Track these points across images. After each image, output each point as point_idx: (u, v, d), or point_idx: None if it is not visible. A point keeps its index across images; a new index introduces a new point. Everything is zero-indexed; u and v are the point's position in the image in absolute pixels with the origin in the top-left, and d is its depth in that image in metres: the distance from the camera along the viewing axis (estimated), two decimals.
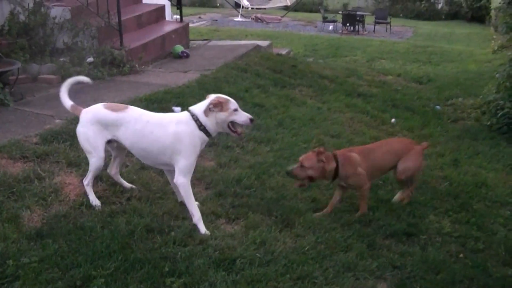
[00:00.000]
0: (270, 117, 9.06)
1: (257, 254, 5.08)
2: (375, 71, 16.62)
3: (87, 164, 6.06)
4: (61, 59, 10.18)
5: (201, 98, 8.42)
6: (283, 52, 15.78)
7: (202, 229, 5.41)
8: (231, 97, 5.51)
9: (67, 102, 5.68)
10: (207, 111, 5.38)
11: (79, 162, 6.30)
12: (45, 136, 6.46)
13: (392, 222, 6.32)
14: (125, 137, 5.48)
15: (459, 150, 9.56)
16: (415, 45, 24.05)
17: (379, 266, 5.35)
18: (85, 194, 5.71)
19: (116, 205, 5.64)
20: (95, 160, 5.56)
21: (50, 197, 5.56)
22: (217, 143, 7.46)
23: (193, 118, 5.40)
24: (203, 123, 5.38)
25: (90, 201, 5.61)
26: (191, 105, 5.55)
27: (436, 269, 5.48)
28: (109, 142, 5.60)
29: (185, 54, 12.32)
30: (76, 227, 5.12)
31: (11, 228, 5.00)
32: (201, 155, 6.93)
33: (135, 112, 5.58)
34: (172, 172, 5.54)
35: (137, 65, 10.75)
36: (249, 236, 5.39)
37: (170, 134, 5.38)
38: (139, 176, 6.27)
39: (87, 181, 5.66)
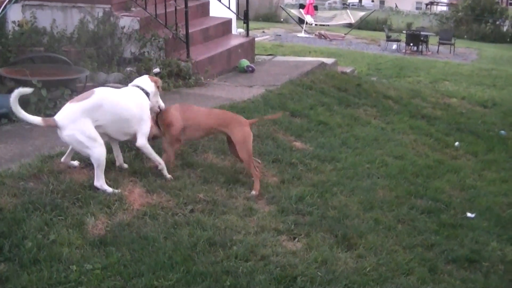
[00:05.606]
0: (334, 136, 9.00)
1: (318, 273, 5.05)
2: (439, 93, 16.39)
3: (154, 174, 6.16)
4: (128, 69, 10.31)
5: (266, 113, 8.60)
6: (348, 70, 15.68)
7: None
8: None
9: (35, 118, 5.60)
10: None
11: (144, 171, 6.34)
12: (110, 145, 6.52)
13: (454, 247, 6.25)
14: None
15: None
16: (480, 68, 23.67)
17: None
18: (148, 204, 5.76)
19: (179, 216, 5.65)
20: (99, 149, 5.70)
21: (115, 205, 5.60)
22: (280, 159, 7.46)
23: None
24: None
25: (108, 192, 5.75)
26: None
27: None
28: None
29: (250, 69, 12.32)
30: (139, 236, 5.15)
31: (75, 234, 5.05)
32: (264, 171, 6.97)
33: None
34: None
35: (202, 78, 10.80)
36: (311, 254, 5.36)
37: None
38: (203, 189, 6.27)
39: (100, 181, 5.76)
